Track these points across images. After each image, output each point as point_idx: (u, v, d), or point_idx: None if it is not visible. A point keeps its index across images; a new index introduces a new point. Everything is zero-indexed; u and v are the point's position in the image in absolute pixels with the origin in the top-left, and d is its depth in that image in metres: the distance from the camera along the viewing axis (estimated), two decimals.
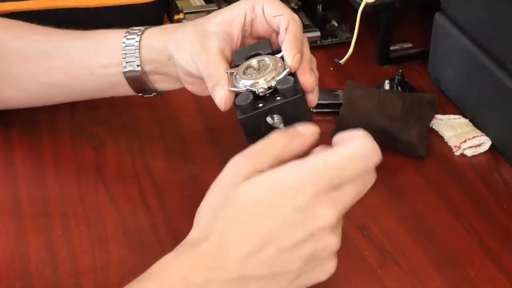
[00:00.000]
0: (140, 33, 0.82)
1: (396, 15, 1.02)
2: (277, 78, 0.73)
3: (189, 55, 0.79)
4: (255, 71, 0.75)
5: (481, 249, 0.79)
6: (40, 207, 0.82)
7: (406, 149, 0.89)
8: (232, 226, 0.63)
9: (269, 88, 0.73)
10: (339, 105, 0.95)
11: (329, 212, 0.63)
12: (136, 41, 0.82)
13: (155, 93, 0.86)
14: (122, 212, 0.82)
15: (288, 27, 0.77)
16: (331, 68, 1.04)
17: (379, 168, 0.89)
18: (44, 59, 0.84)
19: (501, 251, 0.79)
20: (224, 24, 0.80)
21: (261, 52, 0.77)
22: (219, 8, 1.09)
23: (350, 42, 0.99)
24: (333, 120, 0.94)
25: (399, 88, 0.97)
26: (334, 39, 1.09)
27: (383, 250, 0.79)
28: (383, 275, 0.76)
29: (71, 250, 0.77)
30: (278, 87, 0.72)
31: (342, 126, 0.90)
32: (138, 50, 0.81)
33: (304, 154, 0.66)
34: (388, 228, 0.81)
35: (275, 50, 0.78)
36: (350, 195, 0.65)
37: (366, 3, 0.97)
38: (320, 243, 0.63)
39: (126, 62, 0.82)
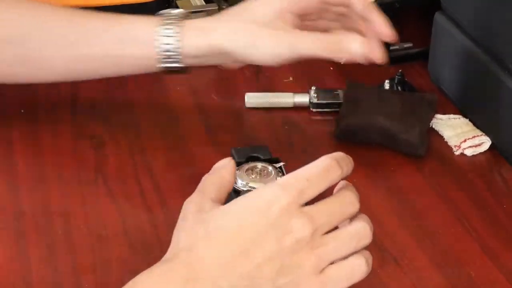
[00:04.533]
0: (178, 30, 0.83)
1: (396, 15, 1.02)
2: None
3: (270, 47, 0.82)
4: (257, 176, 0.81)
5: (481, 248, 0.79)
6: (40, 206, 0.82)
7: (406, 149, 0.89)
8: (207, 241, 0.62)
9: None
10: (339, 104, 0.95)
11: (300, 225, 0.62)
12: (176, 40, 0.83)
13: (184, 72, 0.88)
14: (122, 211, 0.82)
15: (368, 10, 0.85)
16: (331, 68, 1.04)
17: (380, 168, 0.89)
18: (77, 46, 0.85)
19: (501, 251, 0.79)
20: (276, 13, 0.83)
21: (260, 156, 0.83)
22: (219, 8, 1.08)
23: None
24: (333, 120, 0.94)
25: (399, 87, 0.97)
26: None
27: (383, 249, 0.79)
28: (383, 275, 0.76)
29: (71, 250, 0.77)
30: None
31: (343, 126, 0.91)
32: (179, 49, 0.83)
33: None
34: (388, 227, 0.81)
35: (274, 158, 0.83)
36: (323, 211, 0.63)
37: None
38: (293, 258, 0.62)
39: (164, 60, 0.84)
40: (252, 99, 0.97)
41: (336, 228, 0.64)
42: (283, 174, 0.82)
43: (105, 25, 0.86)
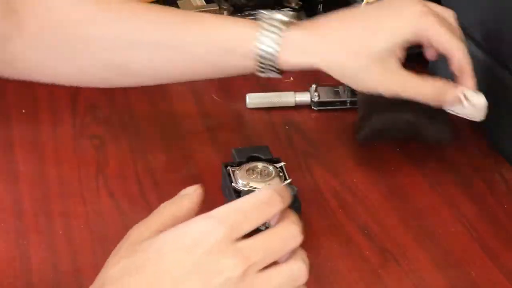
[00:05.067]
0: (277, 41, 0.82)
1: None
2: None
3: (375, 82, 0.82)
4: (258, 176, 0.81)
5: (481, 248, 0.79)
6: (41, 206, 0.82)
7: (434, 138, 0.89)
8: (131, 277, 0.59)
9: None
10: (341, 102, 0.95)
11: (232, 265, 0.57)
12: (275, 50, 0.81)
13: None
14: (123, 211, 0.82)
15: (461, 69, 0.84)
16: None
17: (380, 168, 0.89)
18: (174, 54, 0.84)
19: (502, 251, 0.79)
20: (389, 48, 0.81)
21: (261, 156, 0.83)
22: (220, 8, 1.08)
23: None
24: (334, 117, 0.94)
25: None
26: None
27: (383, 249, 0.79)
28: (383, 275, 0.76)
29: (71, 249, 0.77)
30: None
31: (368, 129, 0.90)
32: (276, 68, 0.82)
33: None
34: (388, 228, 0.81)
35: (274, 158, 0.83)
36: (260, 247, 0.58)
37: (367, 3, 0.97)
38: None
39: (261, 68, 0.83)
40: (254, 99, 0.97)
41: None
42: (284, 174, 0.82)
43: (204, 34, 0.84)
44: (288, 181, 0.81)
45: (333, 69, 0.82)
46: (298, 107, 0.97)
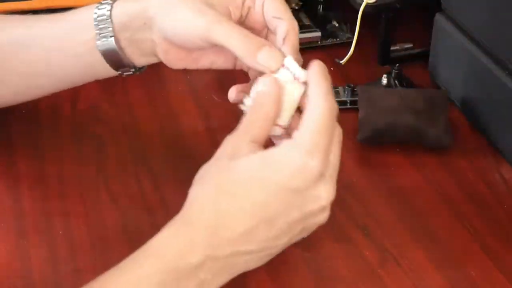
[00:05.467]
0: (112, 1, 0.79)
1: (396, 16, 1.02)
2: None
3: (189, 14, 0.73)
4: None
5: (481, 249, 0.79)
6: (40, 206, 0.82)
7: (433, 142, 0.89)
8: (229, 202, 0.64)
9: None
10: (341, 102, 0.95)
11: (326, 194, 0.65)
12: (107, 10, 0.78)
13: (133, 70, 0.81)
14: (123, 211, 0.82)
15: (286, 38, 0.74)
16: (332, 68, 1.04)
17: (380, 168, 0.89)
18: (23, 50, 0.82)
19: (502, 251, 0.79)
20: (223, 1, 0.76)
21: None
22: None
23: (351, 42, 0.99)
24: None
25: (396, 82, 0.98)
26: (334, 39, 1.09)
27: (383, 250, 0.79)
28: (383, 275, 0.76)
29: (71, 250, 0.77)
30: None
31: (367, 126, 0.90)
32: (110, 20, 0.78)
33: None
34: (388, 228, 0.81)
35: None
36: (337, 162, 0.68)
37: (367, 3, 0.97)
38: (313, 221, 0.66)
39: (100, 35, 0.78)
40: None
41: None
42: None
43: (46, 22, 0.82)
44: None
45: (156, 10, 0.76)
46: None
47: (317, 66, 0.70)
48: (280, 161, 0.64)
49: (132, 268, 0.65)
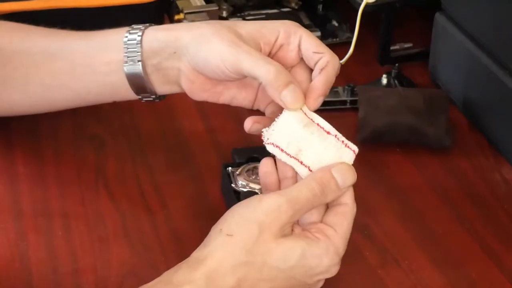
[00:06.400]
0: (143, 28, 0.80)
1: (396, 15, 1.02)
2: None
3: (222, 46, 0.74)
4: (258, 177, 0.79)
5: (481, 249, 0.79)
6: (40, 207, 0.82)
7: (433, 142, 0.90)
8: (252, 277, 0.67)
9: None
10: (341, 102, 0.95)
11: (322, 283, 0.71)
12: (138, 35, 0.79)
13: (154, 96, 0.82)
14: (123, 212, 0.82)
15: (324, 68, 0.75)
16: None
17: (380, 168, 0.89)
18: (49, 61, 0.82)
19: (502, 251, 0.79)
20: (255, 34, 0.77)
21: (261, 156, 0.80)
22: (220, 8, 1.09)
23: (351, 42, 0.98)
24: (334, 117, 0.93)
25: (396, 81, 0.98)
26: (334, 39, 1.09)
27: (383, 250, 0.79)
28: (383, 275, 0.76)
29: (71, 250, 0.77)
30: None
31: (367, 126, 0.90)
32: (139, 45, 0.79)
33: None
34: (388, 228, 0.81)
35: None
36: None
37: (367, 3, 0.96)
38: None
39: (128, 58, 0.79)
40: None
41: None
42: None
43: (74, 38, 0.83)
44: None
45: (190, 38, 0.77)
46: None
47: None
48: (316, 262, 0.69)
49: None
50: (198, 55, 0.76)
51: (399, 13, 1.03)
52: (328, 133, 0.73)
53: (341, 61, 1.00)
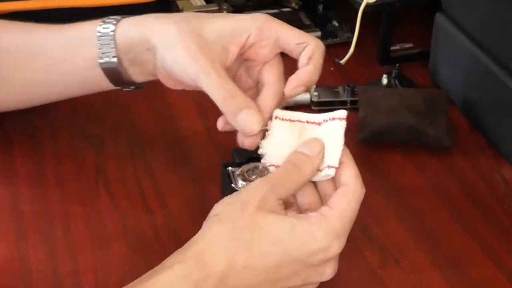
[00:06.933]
0: (115, 22, 0.80)
1: (396, 15, 1.02)
2: None
3: (184, 57, 0.75)
4: (258, 176, 0.79)
5: (481, 249, 0.79)
6: (40, 207, 0.82)
7: (433, 142, 0.90)
8: (245, 256, 0.66)
9: None
10: (341, 102, 0.95)
11: (330, 271, 0.69)
12: (111, 31, 0.79)
13: (133, 86, 0.82)
14: (122, 212, 0.82)
15: (311, 58, 0.75)
16: (332, 68, 1.04)
17: (380, 168, 0.89)
18: (29, 59, 0.83)
19: (502, 251, 0.79)
20: (223, 37, 0.76)
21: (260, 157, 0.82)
22: (220, 8, 1.09)
23: (351, 42, 0.99)
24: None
25: (396, 82, 0.98)
26: (334, 39, 1.09)
27: (383, 250, 0.79)
28: (383, 275, 0.76)
29: (71, 250, 0.77)
30: None
31: (367, 126, 0.90)
32: (113, 40, 0.79)
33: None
34: (388, 228, 0.81)
35: None
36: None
37: (367, 3, 0.97)
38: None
39: (103, 53, 0.79)
40: None
41: None
42: None
43: (52, 33, 0.83)
44: None
45: (158, 41, 0.77)
46: (298, 107, 0.97)
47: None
48: (308, 238, 0.67)
49: None
50: (165, 59, 0.77)
51: (399, 13, 1.03)
52: (319, 123, 0.72)
53: (341, 61, 1.00)
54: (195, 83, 0.75)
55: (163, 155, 0.89)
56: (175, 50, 0.75)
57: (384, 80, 0.99)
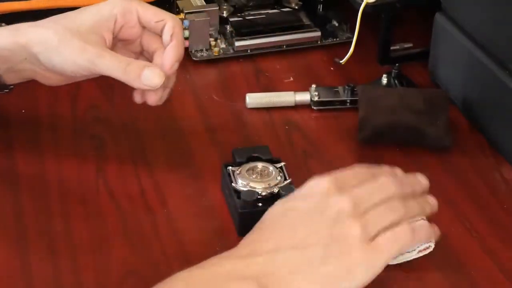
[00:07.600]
0: None
1: (396, 15, 1.02)
2: (280, 186, 0.80)
3: (72, 54, 0.80)
4: (258, 176, 0.81)
5: (481, 249, 0.79)
6: (40, 206, 0.82)
7: (433, 142, 0.89)
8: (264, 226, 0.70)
9: (271, 193, 0.80)
10: (341, 102, 0.95)
11: (339, 201, 0.69)
12: None
13: (6, 90, 0.86)
14: (123, 211, 0.82)
15: (173, 34, 0.84)
16: (332, 68, 1.04)
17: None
18: None
19: (502, 251, 0.79)
20: (95, 28, 0.82)
21: (261, 156, 0.84)
22: (220, 8, 1.08)
23: (351, 42, 0.99)
24: (334, 117, 0.94)
25: (396, 81, 0.98)
26: (334, 39, 1.09)
27: None
28: (383, 276, 0.76)
29: (71, 250, 0.77)
30: (282, 193, 0.79)
31: (367, 126, 0.90)
32: None
33: None
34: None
35: (275, 158, 0.84)
36: (362, 190, 0.71)
37: (367, 3, 0.97)
38: (337, 227, 0.68)
39: None
40: (254, 99, 0.97)
41: None
42: (284, 174, 0.82)
43: None
44: (288, 181, 0.81)
45: (38, 47, 0.81)
46: (298, 107, 0.97)
47: None
48: (307, 187, 0.72)
49: None
50: (52, 63, 0.81)
51: (399, 13, 1.03)
52: None
53: (341, 61, 1.00)
54: (90, 71, 0.81)
55: (163, 155, 0.89)
56: (60, 54, 0.80)
57: (384, 80, 0.99)
